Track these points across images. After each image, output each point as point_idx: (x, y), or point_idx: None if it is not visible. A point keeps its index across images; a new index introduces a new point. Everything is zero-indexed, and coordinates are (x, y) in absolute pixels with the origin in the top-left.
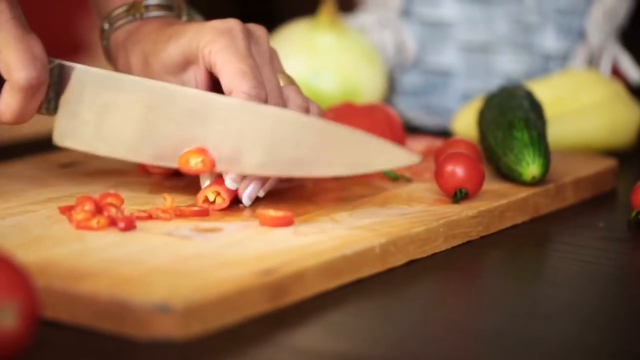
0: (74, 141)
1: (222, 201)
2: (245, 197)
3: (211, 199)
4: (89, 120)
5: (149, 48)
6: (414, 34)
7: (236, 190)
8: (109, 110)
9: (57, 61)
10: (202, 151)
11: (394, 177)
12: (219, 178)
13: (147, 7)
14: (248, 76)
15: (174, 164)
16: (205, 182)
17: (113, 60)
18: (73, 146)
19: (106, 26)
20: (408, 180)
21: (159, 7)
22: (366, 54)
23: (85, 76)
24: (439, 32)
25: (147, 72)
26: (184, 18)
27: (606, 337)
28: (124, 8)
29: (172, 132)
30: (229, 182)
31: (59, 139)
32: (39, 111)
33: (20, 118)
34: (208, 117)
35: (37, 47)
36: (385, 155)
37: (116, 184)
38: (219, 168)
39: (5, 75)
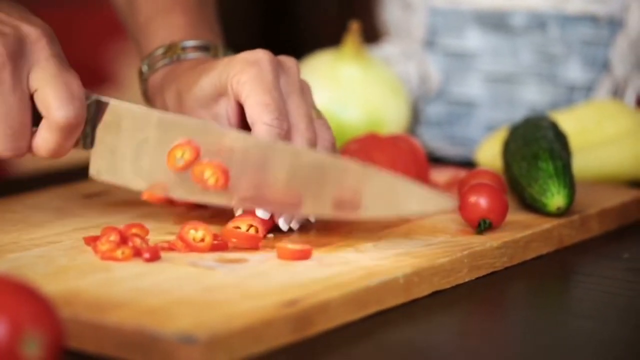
0: (111, 176)
1: (257, 233)
2: (282, 222)
3: (243, 229)
4: (126, 155)
5: (183, 85)
6: (438, 64)
7: (270, 221)
8: (145, 146)
9: (94, 97)
10: (219, 167)
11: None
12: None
13: (184, 48)
14: (270, 107)
15: (205, 201)
16: (238, 212)
17: (151, 102)
18: (110, 181)
19: (145, 68)
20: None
21: (196, 48)
22: (390, 85)
23: (120, 111)
24: (463, 62)
25: (180, 108)
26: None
27: None
28: (162, 50)
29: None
30: (261, 212)
31: (96, 174)
32: (75, 146)
33: (57, 154)
34: (243, 156)
35: (76, 85)
36: (422, 199)
37: (141, 215)
38: (253, 207)
39: (43, 113)
